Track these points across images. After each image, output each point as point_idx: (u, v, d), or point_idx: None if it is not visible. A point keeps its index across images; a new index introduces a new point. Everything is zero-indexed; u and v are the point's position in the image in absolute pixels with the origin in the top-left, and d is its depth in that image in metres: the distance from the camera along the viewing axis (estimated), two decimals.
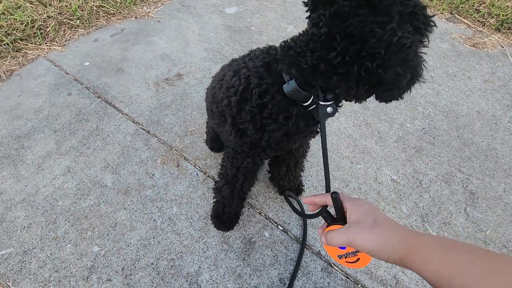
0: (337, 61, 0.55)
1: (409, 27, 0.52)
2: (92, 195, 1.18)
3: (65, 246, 1.05)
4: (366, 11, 0.51)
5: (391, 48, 0.51)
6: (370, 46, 0.51)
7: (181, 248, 1.07)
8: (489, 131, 1.62)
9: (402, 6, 0.51)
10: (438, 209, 1.27)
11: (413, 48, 0.53)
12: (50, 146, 1.32)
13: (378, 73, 0.54)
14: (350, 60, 0.54)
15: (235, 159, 0.88)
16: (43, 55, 1.71)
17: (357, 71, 0.55)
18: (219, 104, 0.85)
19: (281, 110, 0.71)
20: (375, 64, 0.53)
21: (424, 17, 0.53)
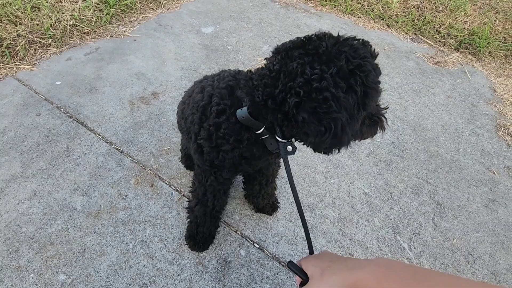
0: (280, 99, 0.58)
1: (342, 83, 0.53)
2: (59, 219, 1.13)
3: (28, 276, 0.99)
4: (312, 58, 0.55)
5: (311, 93, 0.54)
6: (297, 84, 0.54)
7: (154, 272, 1.04)
8: (452, 143, 1.72)
9: (345, 62, 0.53)
10: (408, 221, 1.32)
11: (330, 106, 0.53)
12: (15, 169, 1.26)
13: (294, 114, 0.56)
14: (285, 97, 0.57)
15: (201, 176, 0.89)
16: (11, 75, 1.66)
17: (287, 109, 0.57)
18: (187, 120, 0.86)
19: (233, 132, 0.73)
20: (293, 103, 0.55)
21: (364, 79, 0.53)
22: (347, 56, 0.54)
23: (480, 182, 1.53)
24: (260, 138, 0.71)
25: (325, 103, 0.53)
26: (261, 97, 0.61)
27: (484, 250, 1.26)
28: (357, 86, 0.53)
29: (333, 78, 0.53)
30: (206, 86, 0.81)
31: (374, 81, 0.56)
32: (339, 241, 1.21)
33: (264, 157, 0.79)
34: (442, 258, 1.21)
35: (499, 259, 1.24)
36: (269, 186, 1.14)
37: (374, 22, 2.76)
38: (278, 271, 1.09)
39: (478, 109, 1.99)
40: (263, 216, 1.24)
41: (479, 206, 1.42)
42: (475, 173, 1.57)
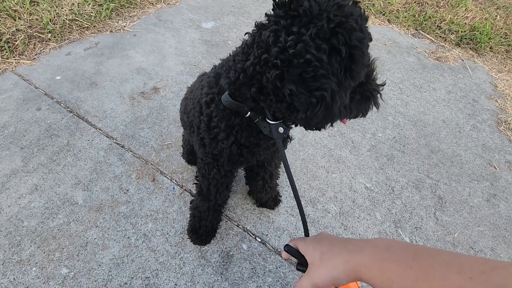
0: (250, 71, 0.53)
1: (323, 45, 0.47)
2: (61, 213, 1.13)
3: (30, 270, 0.98)
4: (289, 21, 0.49)
5: (291, 60, 0.47)
6: (273, 55, 0.48)
7: (157, 265, 1.04)
8: (453, 138, 1.72)
9: (326, 20, 0.47)
10: (409, 215, 1.32)
11: (316, 67, 0.47)
12: (16, 164, 1.26)
13: (278, 87, 0.50)
14: (260, 70, 0.52)
15: (204, 169, 0.88)
16: (11, 69, 1.65)
17: (266, 83, 0.52)
18: (189, 114, 0.86)
19: (223, 118, 0.71)
20: (273, 75, 0.49)
21: (347, 37, 0.47)
22: (329, 15, 0.47)
23: (481, 176, 1.54)
24: (254, 122, 0.69)
25: (309, 66, 0.47)
26: (235, 74, 0.57)
27: (485, 244, 1.27)
28: (341, 46, 0.47)
29: (313, 40, 0.46)
30: (205, 79, 0.80)
31: (359, 40, 0.48)
32: (341, 235, 1.21)
33: (265, 143, 0.78)
34: None
35: (500, 252, 1.24)
36: (273, 178, 1.14)
37: (375, 17, 2.75)
38: (280, 264, 1.09)
39: (479, 104, 1.99)
40: (265, 211, 1.24)
41: (481, 201, 1.43)
42: (476, 167, 1.58)
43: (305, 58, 0.46)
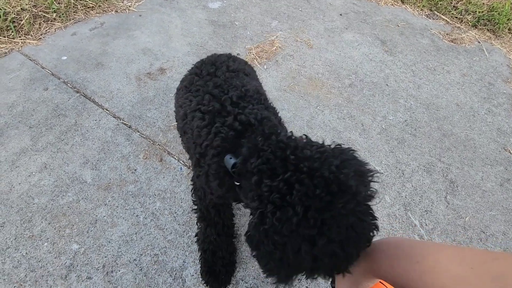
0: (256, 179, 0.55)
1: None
2: (70, 191, 1.14)
3: (42, 245, 1.00)
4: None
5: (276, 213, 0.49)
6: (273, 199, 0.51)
7: (165, 243, 1.05)
8: (467, 122, 1.67)
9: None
10: (420, 198, 1.30)
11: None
12: (25, 143, 1.26)
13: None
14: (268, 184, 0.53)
15: (200, 192, 0.86)
16: (17, 49, 1.64)
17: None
18: (187, 134, 0.81)
19: (217, 175, 0.70)
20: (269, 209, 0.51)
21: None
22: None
23: (495, 161, 1.49)
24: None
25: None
26: (252, 163, 0.56)
27: (497, 228, 1.24)
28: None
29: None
30: (216, 95, 0.75)
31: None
32: None
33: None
34: (454, 235, 1.20)
35: None
36: None
37: None
38: None
39: (495, 88, 1.91)
40: None
41: (493, 185, 1.39)
42: (490, 152, 1.53)
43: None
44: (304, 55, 1.93)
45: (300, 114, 1.57)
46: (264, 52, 1.89)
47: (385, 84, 1.82)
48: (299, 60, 1.89)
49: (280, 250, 0.47)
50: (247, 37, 2.00)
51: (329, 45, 2.04)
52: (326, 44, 2.05)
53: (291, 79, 1.75)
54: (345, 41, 2.10)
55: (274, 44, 1.96)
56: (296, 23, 2.19)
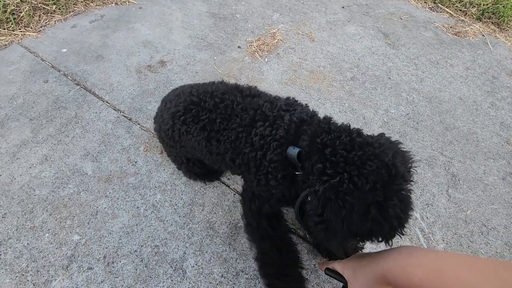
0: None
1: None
2: (71, 183, 1.14)
3: (43, 236, 1.01)
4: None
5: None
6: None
7: (166, 235, 1.05)
8: (470, 116, 1.65)
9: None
10: (421, 191, 1.30)
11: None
12: (26, 135, 1.26)
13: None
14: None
15: (254, 204, 0.88)
16: (17, 41, 1.63)
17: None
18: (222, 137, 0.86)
19: (280, 169, 0.76)
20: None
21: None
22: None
23: (498, 155, 1.48)
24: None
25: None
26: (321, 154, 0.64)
27: (499, 222, 1.24)
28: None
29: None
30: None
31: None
32: None
33: None
34: (455, 229, 1.20)
35: None
36: None
37: None
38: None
39: (499, 82, 1.89)
40: None
41: (496, 179, 1.38)
42: (493, 146, 1.52)
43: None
44: (305, 48, 1.92)
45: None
46: (265, 45, 1.87)
47: (387, 77, 1.81)
48: (301, 53, 1.87)
49: (347, 209, 0.57)
50: (248, 29, 1.98)
51: (331, 38, 2.02)
52: (328, 37, 2.02)
53: (292, 72, 1.74)
54: (347, 34, 2.08)
55: (275, 37, 1.94)
56: (298, 16, 2.17)
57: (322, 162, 0.62)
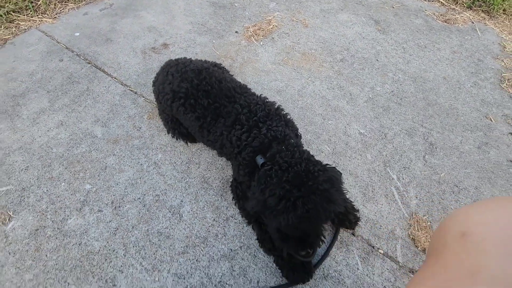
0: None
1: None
2: (83, 144, 1.30)
3: (60, 184, 1.16)
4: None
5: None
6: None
7: (165, 186, 1.19)
8: (452, 93, 1.76)
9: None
10: (399, 157, 1.41)
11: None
12: (44, 104, 1.42)
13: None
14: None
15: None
16: (35, 27, 1.80)
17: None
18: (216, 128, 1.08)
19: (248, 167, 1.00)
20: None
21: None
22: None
23: (476, 127, 1.58)
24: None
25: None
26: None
27: (470, 183, 1.34)
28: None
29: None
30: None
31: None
32: None
33: None
34: (428, 188, 1.31)
35: (484, 190, 1.32)
36: None
37: None
38: None
39: (484, 64, 1.99)
40: None
41: (471, 147, 1.49)
42: (472, 119, 1.62)
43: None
44: (299, 33, 2.05)
45: (292, 84, 1.69)
46: (261, 30, 2.01)
47: (376, 59, 1.92)
48: (294, 37, 2.00)
49: (268, 184, 0.83)
50: (246, 17, 2.12)
51: (323, 24, 2.15)
52: (321, 24, 2.15)
53: (285, 54, 1.87)
54: (340, 21, 2.20)
55: (271, 23, 2.07)
56: (293, 5, 2.30)
57: (272, 164, 0.87)
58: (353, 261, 1.07)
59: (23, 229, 1.04)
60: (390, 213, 1.21)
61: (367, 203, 1.24)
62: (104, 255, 1.01)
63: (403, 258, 1.10)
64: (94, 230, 1.06)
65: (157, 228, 1.08)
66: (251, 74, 1.71)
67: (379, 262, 1.08)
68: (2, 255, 0.99)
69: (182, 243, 1.05)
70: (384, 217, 1.20)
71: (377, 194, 1.27)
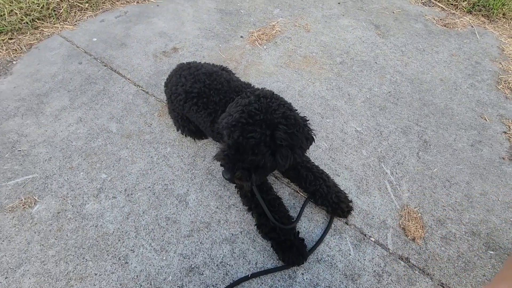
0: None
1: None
2: (100, 138, 1.42)
3: (79, 174, 1.28)
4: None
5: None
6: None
7: (173, 177, 1.30)
8: (448, 94, 1.82)
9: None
10: (394, 153, 1.49)
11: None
12: (65, 102, 1.56)
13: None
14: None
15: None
16: (57, 33, 1.96)
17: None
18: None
19: None
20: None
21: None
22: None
23: (470, 126, 1.65)
24: None
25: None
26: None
27: (462, 179, 1.41)
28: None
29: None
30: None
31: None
32: (328, 165, 1.41)
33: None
34: (420, 182, 1.38)
35: (475, 185, 1.38)
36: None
37: None
38: (273, 183, 1.31)
39: (481, 66, 2.04)
40: None
41: (465, 145, 1.55)
42: (467, 119, 1.68)
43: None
44: (301, 37, 2.15)
45: (293, 85, 1.79)
46: (265, 35, 2.12)
47: (374, 62, 2.01)
48: (296, 41, 2.11)
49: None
50: (251, 23, 2.24)
51: (325, 29, 2.25)
52: (322, 29, 2.25)
53: (287, 57, 1.97)
54: (341, 26, 2.30)
55: (274, 28, 2.19)
56: (296, 11, 2.42)
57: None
58: (346, 247, 1.15)
59: (46, 212, 1.16)
60: (383, 205, 1.29)
61: (361, 195, 1.31)
62: (117, 236, 1.12)
63: (394, 245, 1.17)
64: (109, 214, 1.17)
65: (165, 213, 1.19)
66: (255, 75, 1.82)
67: (370, 249, 1.15)
68: (29, 234, 1.11)
69: (188, 227, 1.16)
70: (376, 208, 1.28)
71: (370, 187, 1.35)
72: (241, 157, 0.96)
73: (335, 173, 1.38)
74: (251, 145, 0.91)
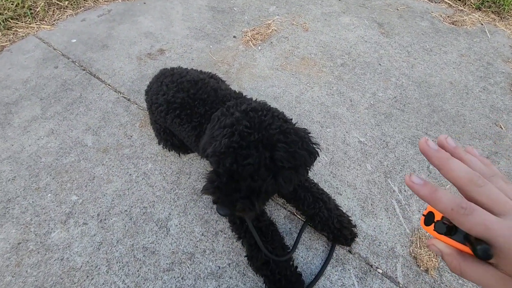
0: None
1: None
2: (73, 153, 1.27)
3: (46, 195, 1.13)
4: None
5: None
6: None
7: (154, 198, 1.15)
8: (459, 99, 1.67)
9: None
10: (401, 167, 1.34)
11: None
12: (36, 112, 1.41)
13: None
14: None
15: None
16: (33, 33, 1.80)
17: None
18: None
19: None
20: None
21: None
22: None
23: (485, 135, 1.49)
24: None
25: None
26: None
27: None
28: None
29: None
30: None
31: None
32: (329, 182, 1.26)
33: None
34: None
35: None
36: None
37: None
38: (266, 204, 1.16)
39: (494, 67, 1.89)
40: None
41: None
42: (480, 127, 1.53)
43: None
44: (298, 37, 1.99)
45: (290, 90, 1.63)
46: (259, 34, 1.96)
47: (378, 63, 1.85)
48: (294, 41, 1.95)
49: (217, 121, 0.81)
50: (244, 21, 2.08)
51: (324, 28, 2.09)
52: (321, 27, 2.09)
53: (283, 59, 1.82)
54: (341, 24, 2.14)
55: (270, 27, 2.03)
56: (294, 8, 2.25)
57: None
58: (349, 281, 1.00)
59: (5, 243, 1.01)
60: (391, 229, 1.14)
61: (366, 217, 1.16)
62: (86, 272, 0.97)
63: (404, 278, 1.02)
64: (78, 245, 1.02)
65: (142, 243, 1.04)
66: (248, 80, 1.66)
67: (378, 283, 1.01)
68: None
69: (168, 259, 1.01)
70: (383, 233, 1.13)
71: (376, 207, 1.20)
72: (236, 186, 0.77)
73: (337, 191, 1.23)
74: (249, 172, 0.74)
